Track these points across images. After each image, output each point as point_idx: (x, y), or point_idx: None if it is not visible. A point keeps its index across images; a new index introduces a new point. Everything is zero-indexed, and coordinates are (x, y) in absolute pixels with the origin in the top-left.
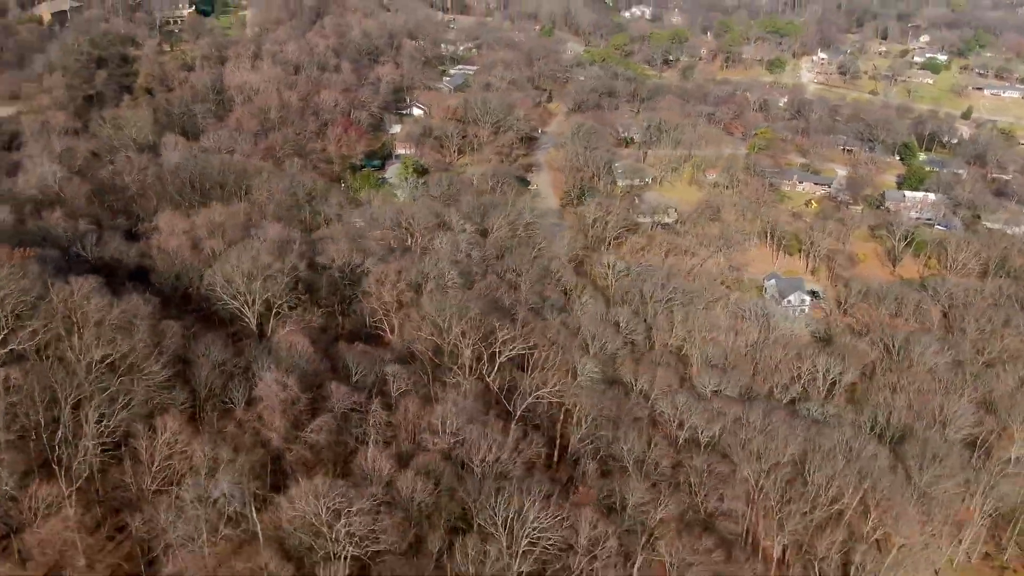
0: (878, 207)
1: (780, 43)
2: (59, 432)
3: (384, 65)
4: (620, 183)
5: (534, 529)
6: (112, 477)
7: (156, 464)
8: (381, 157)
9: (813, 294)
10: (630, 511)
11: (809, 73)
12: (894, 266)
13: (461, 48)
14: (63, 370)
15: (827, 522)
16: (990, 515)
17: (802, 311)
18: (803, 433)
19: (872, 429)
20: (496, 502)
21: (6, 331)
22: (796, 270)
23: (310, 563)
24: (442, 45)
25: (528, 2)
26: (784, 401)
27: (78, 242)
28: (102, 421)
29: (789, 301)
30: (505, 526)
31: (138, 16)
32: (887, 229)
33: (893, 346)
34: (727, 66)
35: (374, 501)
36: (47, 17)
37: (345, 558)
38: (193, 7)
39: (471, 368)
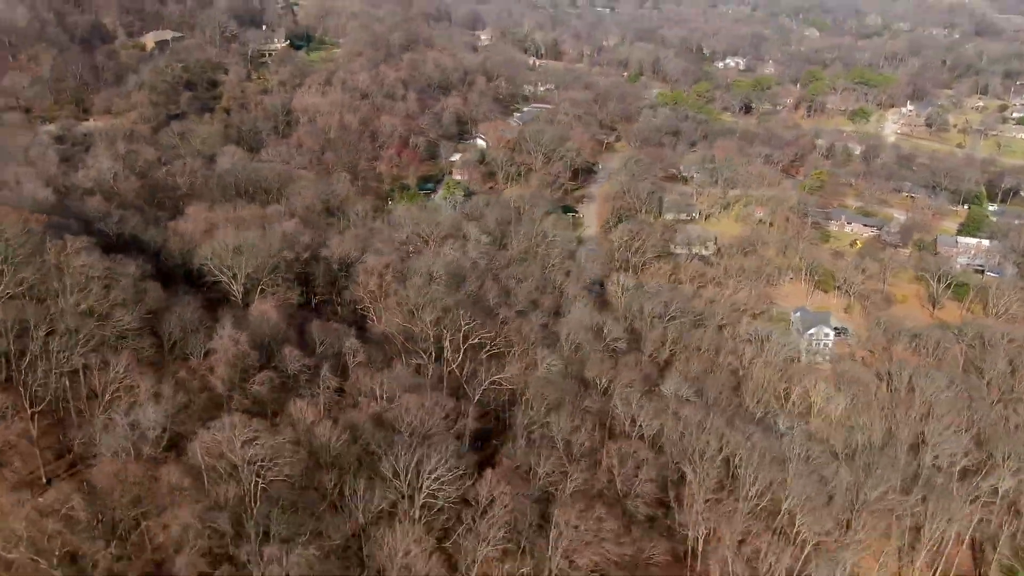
0: (923, 250)
1: (867, 94)
2: (26, 358)
3: (452, 98)
4: (667, 215)
5: (435, 480)
6: (72, 405)
7: (108, 395)
8: (436, 182)
9: (839, 331)
10: (541, 481)
11: (894, 124)
12: (933, 308)
13: (542, 88)
14: (37, 306)
15: (751, 516)
16: (961, 540)
17: (825, 344)
18: (751, 439)
19: (846, 446)
20: (399, 451)
21: (6, 279)
22: (829, 306)
23: (212, 481)
24: (524, 85)
25: (620, 50)
26: (757, 415)
27: (102, 221)
28: (64, 352)
29: (811, 334)
30: (405, 474)
31: (233, 47)
32: (930, 272)
33: (901, 379)
34: (809, 115)
35: (284, 440)
36: (150, 45)
37: (251, 485)
38: (288, 41)
39: (437, 354)
